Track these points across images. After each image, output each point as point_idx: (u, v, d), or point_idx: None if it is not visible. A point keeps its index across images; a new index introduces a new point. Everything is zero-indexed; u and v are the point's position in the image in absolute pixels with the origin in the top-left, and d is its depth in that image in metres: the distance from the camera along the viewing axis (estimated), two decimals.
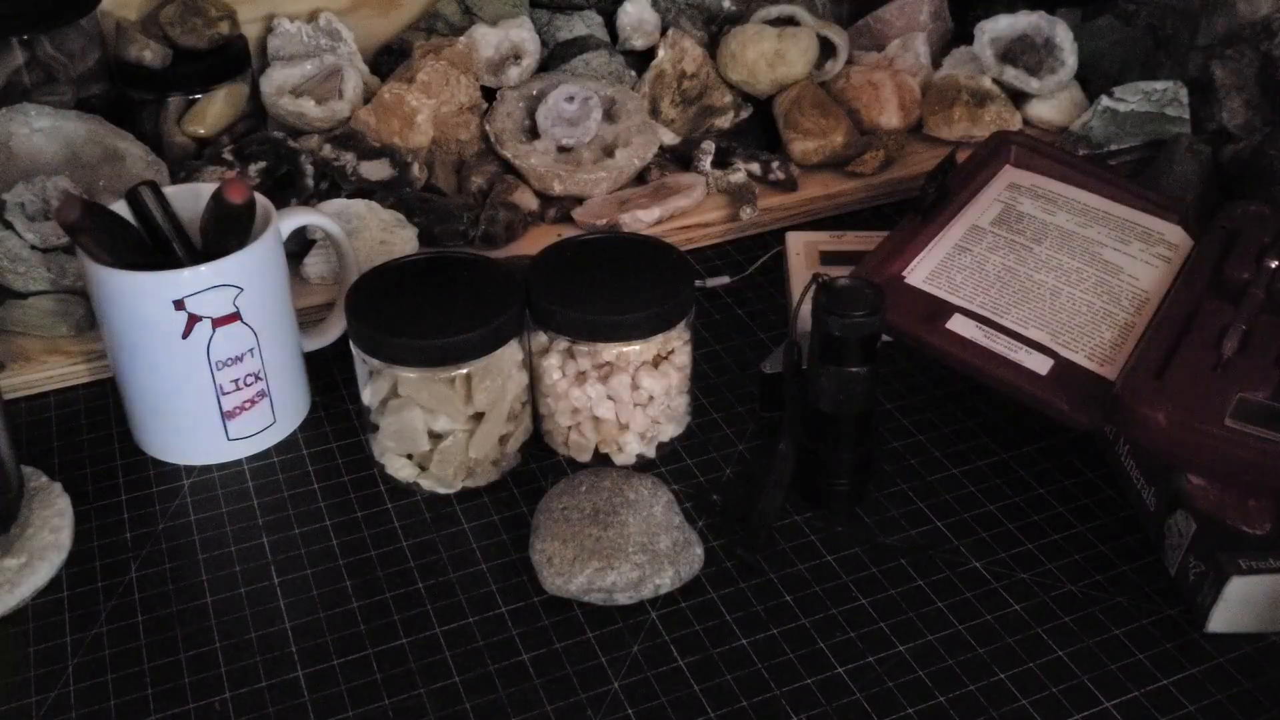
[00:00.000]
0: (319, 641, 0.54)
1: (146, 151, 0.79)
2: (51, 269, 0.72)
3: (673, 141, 0.89)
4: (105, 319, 0.62)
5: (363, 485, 0.63)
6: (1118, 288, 0.68)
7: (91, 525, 0.61)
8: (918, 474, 0.64)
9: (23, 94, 0.80)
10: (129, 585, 0.58)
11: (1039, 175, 0.77)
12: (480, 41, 0.90)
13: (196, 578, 0.58)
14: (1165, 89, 0.89)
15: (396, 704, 0.51)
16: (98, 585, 0.58)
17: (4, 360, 0.71)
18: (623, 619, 0.55)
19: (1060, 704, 0.51)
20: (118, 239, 0.61)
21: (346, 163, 0.81)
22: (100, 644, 0.55)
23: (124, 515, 0.62)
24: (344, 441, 0.67)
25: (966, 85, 0.93)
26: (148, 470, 0.65)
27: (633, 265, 0.64)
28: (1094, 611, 0.55)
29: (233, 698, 0.52)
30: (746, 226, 0.84)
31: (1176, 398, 0.57)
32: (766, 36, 0.92)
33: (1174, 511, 0.56)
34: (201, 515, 0.62)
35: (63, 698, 0.52)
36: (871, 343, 0.57)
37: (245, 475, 0.64)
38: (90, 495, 0.63)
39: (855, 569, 0.58)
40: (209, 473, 0.65)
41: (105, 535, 0.61)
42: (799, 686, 0.52)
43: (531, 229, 0.82)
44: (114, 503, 0.63)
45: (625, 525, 0.56)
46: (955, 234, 0.71)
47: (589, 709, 0.51)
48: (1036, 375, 0.61)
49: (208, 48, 0.85)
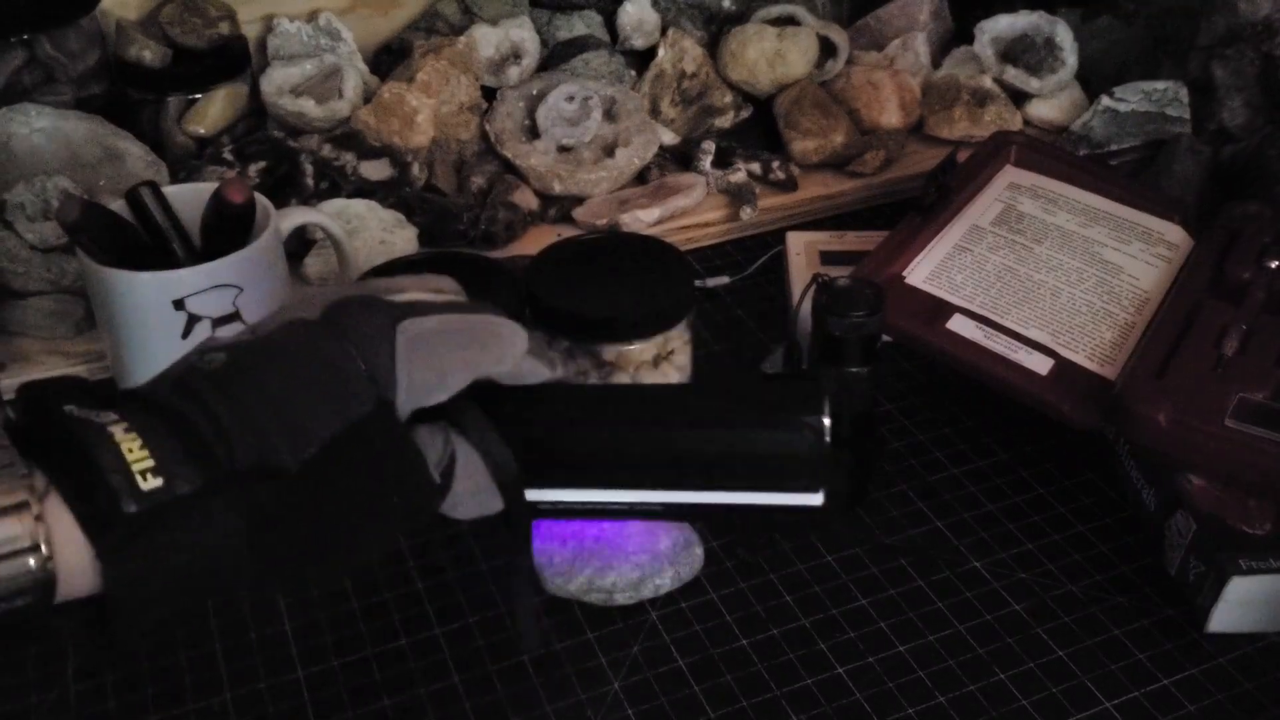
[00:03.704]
0: (319, 641, 0.54)
1: (146, 151, 0.79)
2: (51, 269, 0.72)
3: (673, 141, 0.89)
4: (105, 319, 0.62)
5: None
6: (1118, 288, 0.68)
7: None
8: (918, 474, 0.64)
9: (23, 94, 0.80)
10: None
11: (1039, 175, 0.77)
12: (480, 41, 0.90)
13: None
14: (1165, 89, 0.89)
15: (396, 704, 0.51)
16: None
17: (4, 360, 0.71)
18: (623, 619, 0.55)
19: (1060, 704, 0.51)
20: (118, 239, 0.61)
21: (346, 162, 0.81)
22: (99, 645, 0.55)
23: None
24: None
25: (967, 85, 0.93)
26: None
27: (633, 265, 0.64)
28: (1094, 611, 0.55)
29: (232, 698, 0.52)
30: (746, 226, 0.84)
31: (1177, 398, 0.57)
32: (766, 36, 0.92)
33: (1174, 511, 0.56)
34: None
35: (62, 698, 0.52)
36: (871, 343, 0.57)
37: None
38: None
39: (855, 569, 0.58)
40: None
41: None
42: (799, 687, 0.52)
43: (531, 229, 0.82)
44: None
45: (625, 525, 0.56)
46: (955, 234, 0.71)
47: (589, 709, 0.51)
48: (1037, 375, 0.61)
49: (207, 47, 0.85)
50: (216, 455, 0.35)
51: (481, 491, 0.42)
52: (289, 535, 0.36)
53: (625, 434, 0.43)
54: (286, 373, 0.37)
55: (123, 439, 0.34)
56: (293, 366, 0.37)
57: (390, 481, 0.38)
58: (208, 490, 0.34)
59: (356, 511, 0.38)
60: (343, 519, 0.38)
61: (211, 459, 0.35)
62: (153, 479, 0.33)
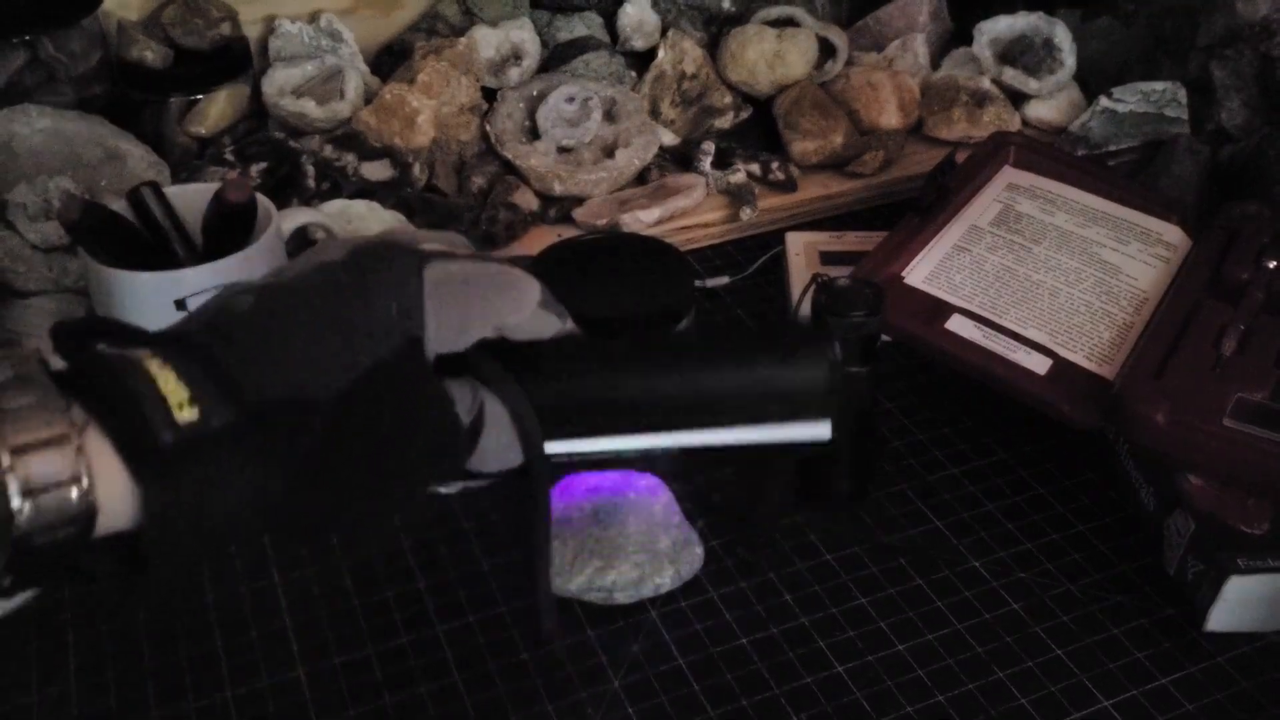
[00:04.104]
0: (319, 639, 0.55)
1: (148, 152, 0.79)
2: (53, 269, 0.72)
3: (673, 142, 0.89)
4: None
5: None
6: (1116, 288, 0.68)
7: None
8: (918, 474, 0.64)
9: (24, 94, 0.80)
10: (129, 584, 0.58)
11: (1038, 175, 0.77)
12: (481, 42, 0.90)
13: (197, 575, 0.58)
14: (1164, 89, 0.89)
15: (397, 701, 0.52)
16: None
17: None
18: (623, 618, 0.55)
19: (1059, 703, 0.51)
20: (119, 239, 0.61)
21: (347, 163, 0.81)
22: (101, 642, 0.55)
23: None
24: None
25: (966, 86, 0.93)
26: None
27: (633, 265, 0.64)
28: (1093, 611, 0.56)
29: (233, 696, 0.52)
30: (746, 226, 0.84)
31: (1175, 398, 0.57)
32: (766, 37, 0.92)
33: (1173, 511, 0.56)
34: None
35: (64, 694, 0.52)
36: (871, 343, 0.57)
37: None
38: None
39: (855, 568, 0.58)
40: None
41: None
42: (799, 685, 0.52)
43: (531, 229, 0.82)
44: None
45: (625, 525, 0.56)
46: (954, 234, 0.71)
47: (589, 707, 0.51)
48: (1036, 375, 0.61)
49: (209, 48, 0.85)
50: (247, 390, 0.35)
51: (506, 445, 0.42)
52: (323, 471, 0.36)
53: (641, 377, 0.44)
54: (316, 309, 0.37)
55: (157, 373, 0.34)
56: (322, 304, 0.38)
57: (421, 419, 0.39)
58: (241, 424, 0.34)
59: (388, 449, 0.38)
60: (374, 455, 0.38)
61: (242, 393, 0.35)
62: (188, 410, 0.34)
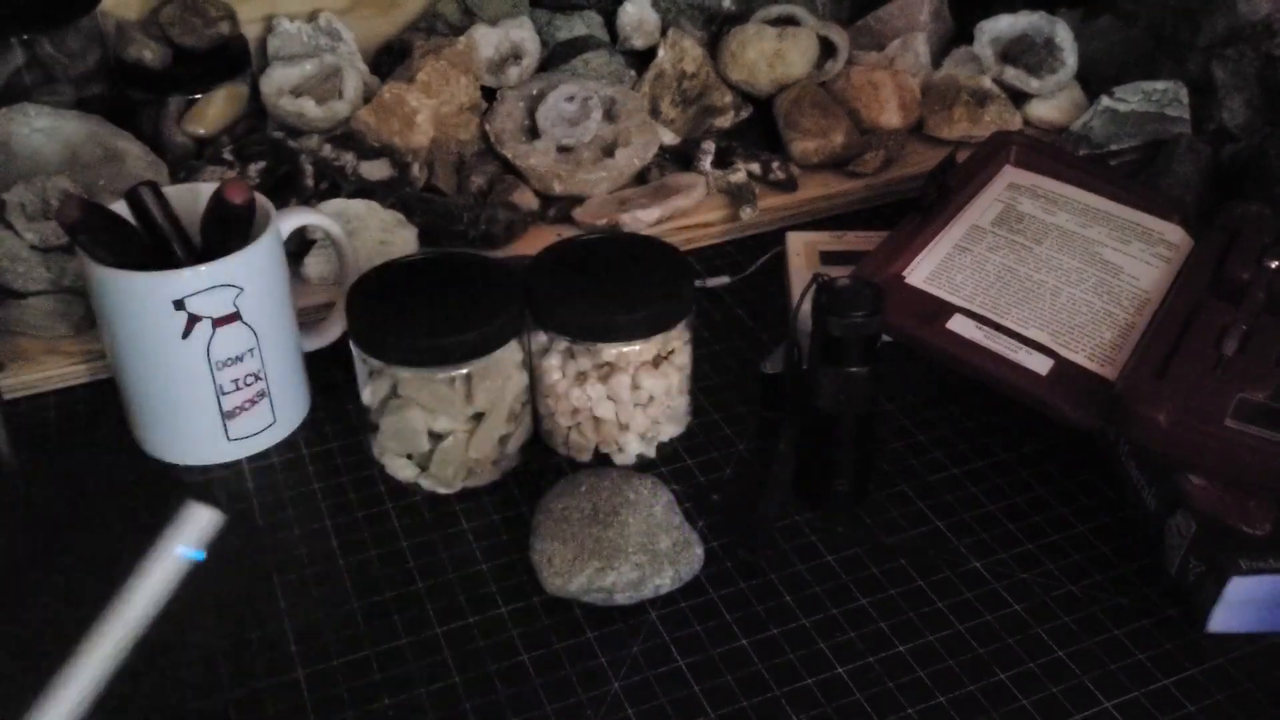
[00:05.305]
0: (319, 642, 0.54)
1: (146, 151, 0.79)
2: (51, 269, 0.72)
3: (673, 141, 0.89)
4: (105, 319, 0.62)
5: (363, 485, 0.63)
6: (1118, 288, 0.68)
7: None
8: (918, 474, 0.64)
9: (23, 94, 0.80)
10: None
11: (1039, 175, 0.77)
12: (480, 41, 0.90)
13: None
14: (1165, 89, 0.89)
15: (396, 704, 0.51)
16: None
17: (4, 360, 0.71)
18: (623, 619, 0.55)
19: (1060, 704, 0.51)
20: (118, 239, 0.61)
21: (346, 163, 0.81)
22: None
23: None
24: (344, 441, 0.66)
25: (966, 85, 0.93)
26: (148, 470, 0.65)
27: (633, 265, 0.64)
28: (1094, 611, 0.55)
29: (232, 698, 0.52)
30: (746, 226, 0.84)
31: (1177, 398, 0.57)
32: (766, 36, 0.92)
33: (1174, 511, 0.56)
34: None
35: None
36: (871, 343, 0.57)
37: (245, 475, 0.64)
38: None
39: (855, 569, 0.58)
40: (209, 473, 0.65)
41: None
42: (799, 687, 0.52)
43: (531, 229, 0.82)
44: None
45: (625, 525, 0.56)
46: (955, 234, 0.71)
47: (589, 709, 0.51)
48: (1037, 375, 0.61)
49: (207, 48, 0.85)
50: None
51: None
52: None
53: None
54: None
55: None
56: None
57: None
58: None
59: None
60: None
61: None
62: None
